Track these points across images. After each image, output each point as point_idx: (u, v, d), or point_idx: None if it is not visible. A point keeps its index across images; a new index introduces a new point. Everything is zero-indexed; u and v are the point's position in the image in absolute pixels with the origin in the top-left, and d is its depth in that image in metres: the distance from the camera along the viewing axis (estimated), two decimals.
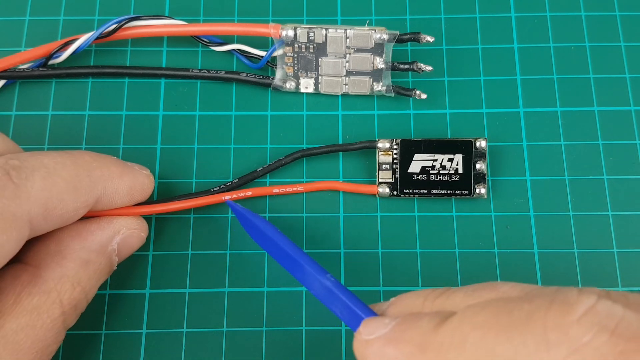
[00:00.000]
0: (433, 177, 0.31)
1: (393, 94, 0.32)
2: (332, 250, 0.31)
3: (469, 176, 0.31)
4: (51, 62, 0.33)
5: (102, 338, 0.29)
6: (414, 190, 0.31)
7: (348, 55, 0.31)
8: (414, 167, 0.31)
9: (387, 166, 0.31)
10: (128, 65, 0.34)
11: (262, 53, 0.33)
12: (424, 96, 0.32)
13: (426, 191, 0.31)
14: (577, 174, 0.32)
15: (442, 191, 0.31)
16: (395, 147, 0.31)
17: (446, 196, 0.31)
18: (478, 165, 0.31)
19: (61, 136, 0.32)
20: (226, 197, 0.30)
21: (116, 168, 0.26)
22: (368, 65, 0.32)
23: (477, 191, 0.31)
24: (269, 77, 0.33)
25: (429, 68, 0.32)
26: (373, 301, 0.25)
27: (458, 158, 0.31)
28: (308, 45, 0.31)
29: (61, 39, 0.32)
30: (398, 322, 0.22)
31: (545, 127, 0.33)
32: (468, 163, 0.31)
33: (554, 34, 0.34)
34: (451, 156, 0.31)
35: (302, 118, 0.33)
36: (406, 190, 0.31)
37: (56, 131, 0.33)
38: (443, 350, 0.20)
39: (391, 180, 0.31)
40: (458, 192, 0.31)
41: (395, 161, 0.31)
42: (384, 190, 0.31)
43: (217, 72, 0.33)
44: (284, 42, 0.31)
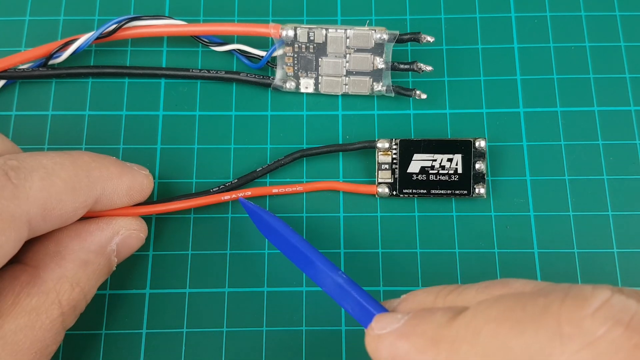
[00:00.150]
0: (432, 177, 0.31)
1: (393, 94, 0.32)
2: (332, 250, 0.31)
3: (469, 176, 0.31)
4: (51, 62, 0.33)
5: (102, 338, 0.29)
6: (414, 190, 0.31)
7: (348, 55, 0.31)
8: (414, 167, 0.31)
9: (387, 166, 0.31)
10: (128, 65, 0.34)
11: (262, 53, 0.33)
12: (424, 96, 0.32)
13: (425, 191, 0.31)
14: (577, 174, 0.32)
15: (442, 191, 0.31)
16: (394, 147, 0.31)
17: (446, 196, 0.31)
18: (477, 165, 0.31)
19: (61, 136, 0.32)
20: (239, 195, 0.30)
21: (115, 168, 0.26)
22: (368, 65, 0.32)
23: (477, 191, 0.31)
24: (269, 77, 0.33)
25: (429, 68, 0.31)
26: None
27: (457, 158, 0.31)
28: (308, 45, 0.31)
29: (61, 39, 0.32)
30: (410, 317, 0.22)
31: (545, 127, 0.33)
32: (467, 163, 0.31)
33: (554, 34, 0.34)
34: (450, 156, 0.31)
35: (302, 118, 0.33)
36: (406, 190, 0.31)
37: (56, 131, 0.33)
38: (456, 343, 0.19)
39: (390, 180, 0.31)
40: (457, 192, 0.31)
41: (394, 161, 0.31)
42: (384, 190, 0.31)
43: (217, 72, 0.33)
44: (284, 42, 0.31)
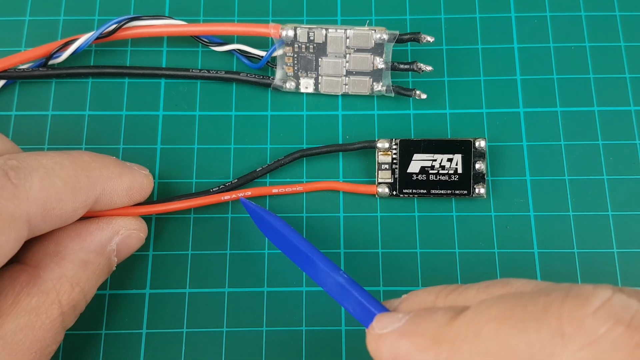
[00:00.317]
0: (432, 177, 0.31)
1: (393, 94, 0.32)
2: (332, 250, 0.31)
3: (468, 176, 0.31)
4: (51, 62, 0.33)
5: (102, 338, 0.29)
6: (414, 190, 0.31)
7: (348, 55, 0.31)
8: (413, 167, 0.31)
9: (387, 166, 0.31)
10: (128, 65, 0.34)
11: (262, 53, 0.33)
12: (424, 96, 0.32)
13: (425, 191, 0.31)
14: (577, 174, 0.32)
15: (442, 191, 0.31)
16: (394, 147, 0.31)
17: (445, 196, 0.31)
18: (477, 165, 0.31)
19: (61, 136, 0.32)
20: (239, 195, 0.30)
21: (115, 168, 0.26)
22: (368, 65, 0.32)
23: (477, 191, 0.31)
24: (269, 77, 0.33)
25: (429, 68, 0.31)
26: None
27: (457, 158, 0.31)
28: (308, 45, 0.31)
29: (61, 39, 0.32)
30: (412, 316, 0.22)
31: (545, 127, 0.33)
32: (467, 163, 0.31)
33: (554, 34, 0.34)
34: (450, 156, 0.31)
35: (302, 118, 0.33)
36: (405, 190, 0.31)
37: (56, 131, 0.33)
38: (457, 342, 0.20)
39: (390, 180, 0.31)
40: (457, 192, 0.31)
41: (394, 161, 0.31)
42: (384, 190, 0.31)
43: (217, 72, 0.33)
44: (284, 42, 0.31)
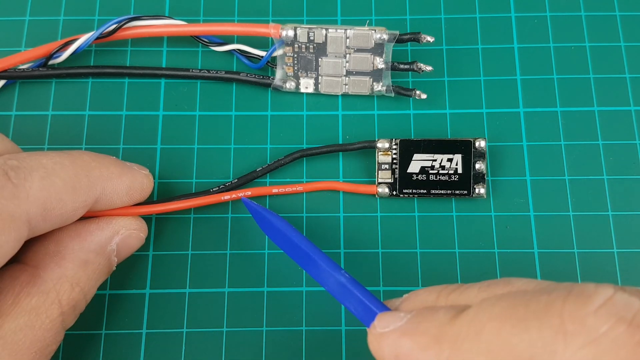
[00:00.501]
0: (432, 177, 0.31)
1: (393, 94, 0.32)
2: (332, 250, 0.31)
3: (468, 176, 0.31)
4: (51, 62, 0.33)
5: (102, 338, 0.29)
6: (414, 190, 0.31)
7: (348, 55, 0.31)
8: (413, 167, 0.31)
9: (387, 166, 0.31)
10: (128, 65, 0.34)
11: (262, 53, 0.33)
12: (424, 96, 0.32)
13: (425, 191, 0.31)
14: (577, 174, 0.32)
15: (442, 191, 0.31)
16: (394, 147, 0.31)
17: (445, 196, 0.31)
18: (477, 165, 0.31)
19: (61, 136, 0.32)
20: (239, 195, 0.30)
21: (115, 168, 0.26)
22: (368, 65, 0.32)
23: (477, 191, 0.31)
24: (269, 77, 0.33)
25: (429, 68, 0.31)
26: None
27: (457, 158, 0.31)
28: (308, 45, 0.31)
29: (61, 39, 0.32)
30: (413, 315, 0.22)
31: (545, 127, 0.33)
32: (467, 163, 0.31)
33: (554, 34, 0.34)
34: (450, 156, 0.31)
35: (302, 118, 0.33)
36: (405, 190, 0.31)
37: (56, 131, 0.33)
38: (459, 341, 0.20)
39: (390, 180, 0.31)
40: (457, 192, 0.31)
41: (394, 161, 0.31)
42: (384, 190, 0.31)
43: (217, 72, 0.33)
44: (284, 42, 0.31)
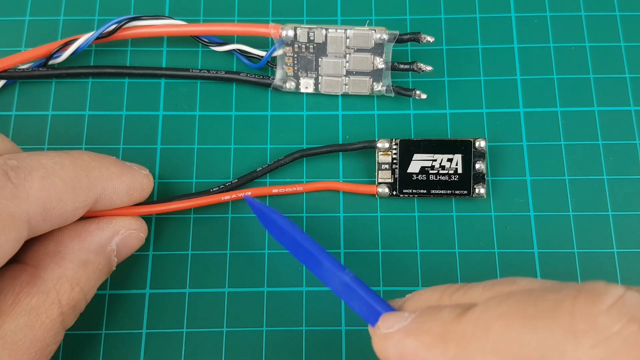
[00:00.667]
0: (432, 177, 0.31)
1: (393, 94, 0.32)
2: (332, 250, 0.31)
3: (469, 176, 0.31)
4: (51, 62, 0.33)
5: (102, 338, 0.29)
6: (414, 190, 0.31)
7: (348, 55, 0.31)
8: (414, 167, 0.31)
9: (387, 166, 0.31)
10: (128, 65, 0.34)
11: (262, 53, 0.33)
12: (424, 96, 0.32)
13: (425, 191, 0.31)
14: (577, 174, 0.32)
15: (442, 191, 0.31)
16: (394, 147, 0.31)
17: (446, 196, 0.31)
18: (477, 165, 0.31)
19: (61, 136, 0.32)
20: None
21: (115, 168, 0.26)
22: (368, 65, 0.32)
23: (477, 191, 0.31)
24: (269, 77, 0.33)
25: (429, 68, 0.31)
26: None
27: (457, 158, 0.31)
28: (308, 45, 0.31)
29: (61, 39, 0.32)
30: (417, 315, 0.21)
31: (545, 127, 0.33)
32: (467, 163, 0.31)
33: (554, 34, 0.34)
34: (450, 156, 0.31)
35: (302, 118, 0.33)
36: (405, 190, 0.31)
37: (56, 131, 0.33)
38: (465, 340, 0.19)
39: (390, 180, 0.31)
40: (457, 192, 0.31)
41: (394, 161, 0.31)
42: (384, 190, 0.31)
43: (217, 72, 0.33)
44: (284, 42, 0.31)
